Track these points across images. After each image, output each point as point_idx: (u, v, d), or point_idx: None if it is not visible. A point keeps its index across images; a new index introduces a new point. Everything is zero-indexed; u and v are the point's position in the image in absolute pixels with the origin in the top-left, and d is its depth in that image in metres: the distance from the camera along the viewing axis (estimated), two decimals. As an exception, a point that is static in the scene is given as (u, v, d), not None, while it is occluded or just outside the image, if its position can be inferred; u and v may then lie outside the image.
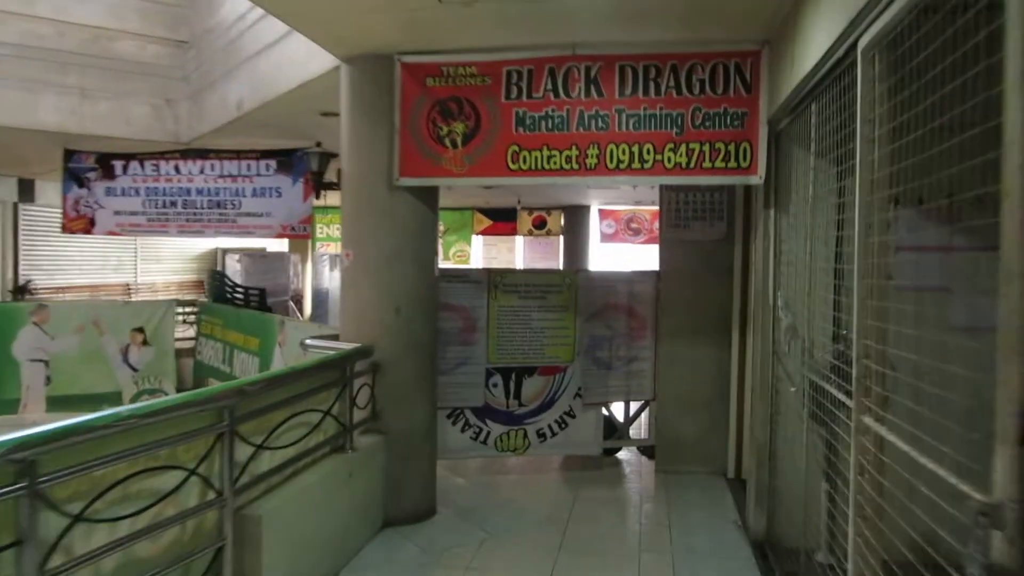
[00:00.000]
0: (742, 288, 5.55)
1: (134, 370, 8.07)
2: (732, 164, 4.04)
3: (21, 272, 12.32)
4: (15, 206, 12.16)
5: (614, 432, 6.06)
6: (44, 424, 2.21)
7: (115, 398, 7.80)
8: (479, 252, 17.67)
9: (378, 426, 4.56)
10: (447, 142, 4.37)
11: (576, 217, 15.63)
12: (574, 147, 4.18)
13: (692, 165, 4.06)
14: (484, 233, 16.49)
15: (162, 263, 14.79)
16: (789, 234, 3.94)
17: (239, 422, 3.07)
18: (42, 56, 7.45)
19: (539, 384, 5.72)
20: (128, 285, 14.31)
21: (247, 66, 6.53)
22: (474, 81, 4.30)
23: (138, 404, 2.67)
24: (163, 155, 8.40)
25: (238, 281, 10.62)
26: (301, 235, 8.53)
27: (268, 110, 6.38)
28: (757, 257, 4.37)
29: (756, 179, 4.04)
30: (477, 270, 5.94)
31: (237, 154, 8.25)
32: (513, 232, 16.40)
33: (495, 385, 5.62)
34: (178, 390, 8.16)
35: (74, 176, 8.50)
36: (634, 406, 6.20)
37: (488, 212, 16.08)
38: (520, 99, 4.24)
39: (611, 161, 4.14)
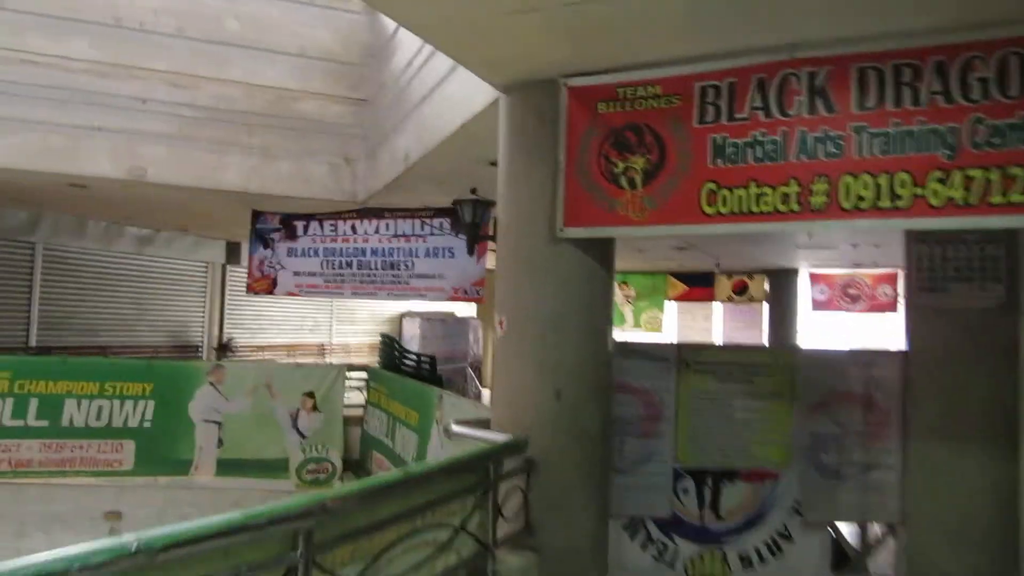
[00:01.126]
0: (1035, 376, 4.00)
1: (303, 436, 7.77)
2: (1036, 197, 2.72)
3: (225, 331, 12.96)
4: (223, 268, 12.89)
5: (846, 563, 4.59)
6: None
7: (283, 465, 7.52)
8: (673, 320, 16.35)
9: (531, 542, 3.59)
10: (623, 181, 3.44)
11: (782, 282, 13.94)
12: (793, 182, 3.07)
13: (973, 201, 2.78)
14: (679, 299, 15.24)
15: (356, 324, 15.07)
16: None
17: (321, 550, 2.25)
18: (229, 118, 7.58)
19: (743, 493, 4.47)
20: (323, 345, 14.67)
21: (413, 116, 6.09)
22: (657, 103, 3.36)
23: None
24: (341, 215, 8.24)
25: (414, 346, 10.26)
26: (474, 298, 7.94)
27: (432, 160, 5.85)
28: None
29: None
30: (662, 344, 4.89)
31: (411, 213, 7.89)
32: (710, 298, 15.00)
33: (685, 491, 4.45)
34: (345, 461, 7.76)
35: (260, 237, 8.58)
36: (874, 528, 4.71)
37: (682, 276, 14.86)
38: (718, 122, 3.22)
39: (847, 199, 2.97)
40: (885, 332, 13.74)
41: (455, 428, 3.95)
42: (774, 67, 3.10)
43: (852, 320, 13.80)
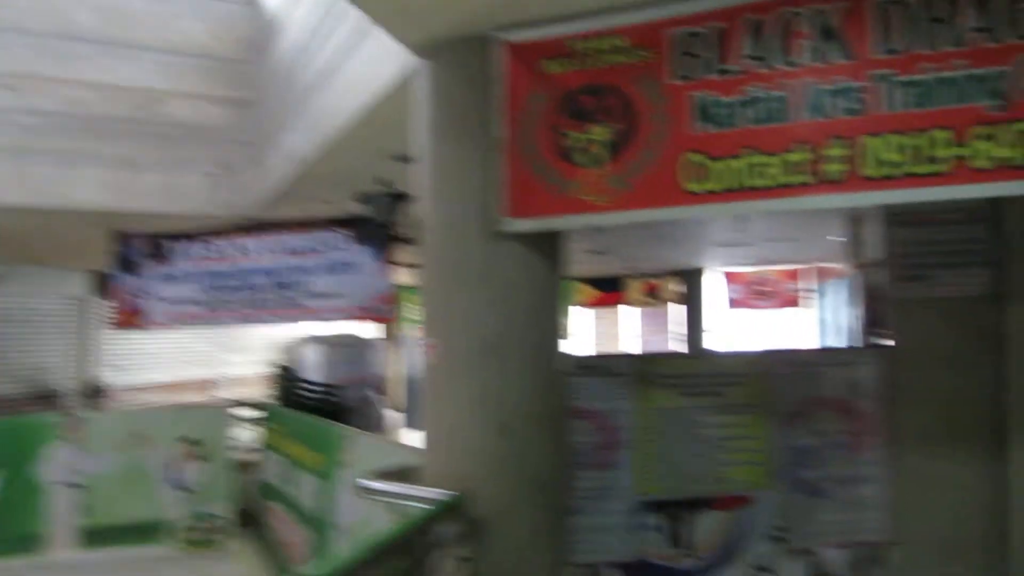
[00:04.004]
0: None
1: (184, 491, 6.59)
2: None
3: (95, 373, 11.43)
4: (91, 302, 11.38)
5: (839, 594, 4.05)
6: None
7: (161, 527, 6.34)
8: (591, 328, 15.81)
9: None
10: (581, 158, 2.73)
11: (695, 282, 13.70)
12: (802, 147, 2.45)
13: (1031, 161, 2.24)
14: (590, 306, 14.79)
15: (249, 354, 13.71)
16: None
17: None
18: (81, 125, 6.41)
19: (717, 523, 3.84)
20: (212, 381, 13.30)
21: (305, 109, 5.20)
22: (623, 58, 2.67)
23: None
24: (223, 232, 7.18)
25: (319, 375, 9.23)
26: (381, 317, 7.06)
27: (332, 159, 4.99)
28: None
29: None
30: (617, 356, 4.22)
31: (307, 225, 6.93)
32: (621, 303, 14.62)
33: (649, 528, 3.78)
34: (241, 514, 6.65)
35: (126, 263, 7.38)
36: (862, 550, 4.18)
37: (592, 281, 14.43)
38: (702, 77, 2.56)
39: (871, 165, 2.37)
40: (795, 328, 13.76)
41: (367, 484, 3.12)
42: (772, 5, 2.47)
43: (764, 316, 13.75)
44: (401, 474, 3.32)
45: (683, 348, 12.99)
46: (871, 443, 3.93)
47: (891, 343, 3.97)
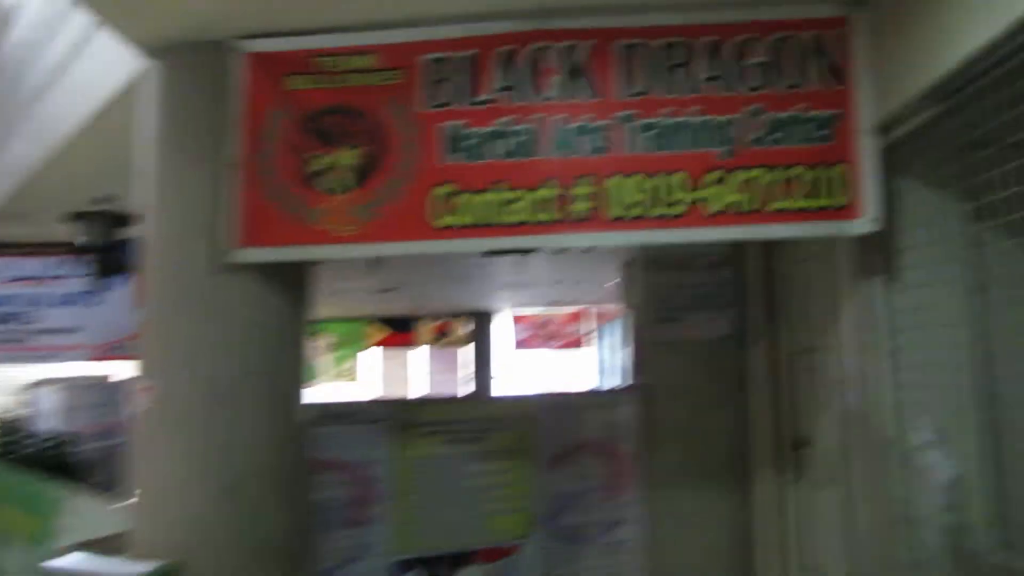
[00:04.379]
0: (772, 409, 3.80)
1: None
2: (820, 202, 2.34)
3: None
4: None
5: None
6: None
7: None
8: (378, 368, 15.30)
9: None
10: (325, 183, 2.48)
11: (484, 323, 13.80)
12: (551, 184, 2.38)
13: (756, 206, 2.33)
14: (380, 345, 14.37)
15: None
16: (916, 321, 2.27)
17: None
18: None
19: (480, 576, 3.68)
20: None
21: (34, 111, 4.48)
22: (373, 79, 2.48)
23: None
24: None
25: (55, 422, 7.98)
26: (126, 356, 6.24)
27: (61, 170, 4.33)
28: (855, 361, 2.63)
29: (862, 224, 2.35)
30: (373, 403, 3.94)
31: (37, 249, 6.00)
32: (411, 343, 14.37)
33: (411, 588, 3.53)
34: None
35: None
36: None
37: (384, 321, 14.07)
38: (453, 106, 2.43)
39: (615, 206, 2.36)
40: (578, 368, 14.29)
41: (50, 565, 2.59)
42: (523, 39, 2.41)
43: (549, 357, 14.14)
44: (111, 544, 2.81)
45: (472, 389, 12.98)
46: (628, 484, 3.97)
47: (646, 384, 4.08)
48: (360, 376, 14.51)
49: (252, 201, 2.52)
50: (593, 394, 4.33)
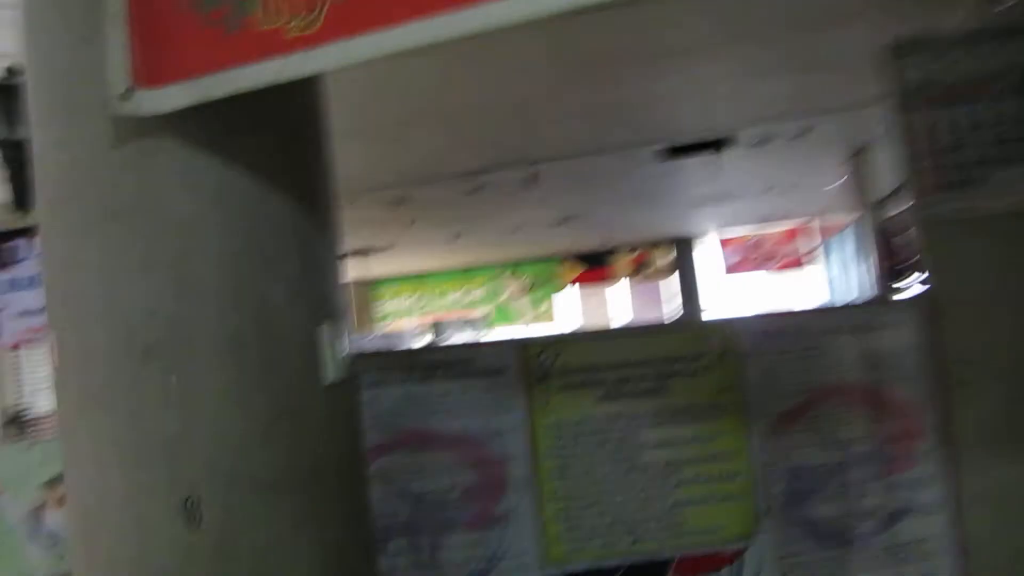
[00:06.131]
0: None
1: (54, 542, 5.16)
2: None
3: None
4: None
5: None
6: None
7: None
8: (576, 308, 14.20)
9: None
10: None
11: (687, 251, 12.15)
12: None
13: None
14: (577, 282, 13.28)
15: None
16: None
17: None
18: None
19: (681, 604, 2.37)
20: None
21: None
22: None
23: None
24: None
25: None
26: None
27: None
28: None
29: None
30: (491, 344, 2.65)
31: None
32: (610, 278, 13.10)
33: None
34: None
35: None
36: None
37: (575, 257, 12.97)
38: None
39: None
40: (803, 291, 12.22)
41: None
42: None
43: (767, 281, 12.22)
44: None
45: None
46: (915, 451, 2.43)
47: (926, 288, 2.48)
48: (558, 317, 13.56)
49: (153, 12, 1.35)
50: (843, 311, 2.80)
